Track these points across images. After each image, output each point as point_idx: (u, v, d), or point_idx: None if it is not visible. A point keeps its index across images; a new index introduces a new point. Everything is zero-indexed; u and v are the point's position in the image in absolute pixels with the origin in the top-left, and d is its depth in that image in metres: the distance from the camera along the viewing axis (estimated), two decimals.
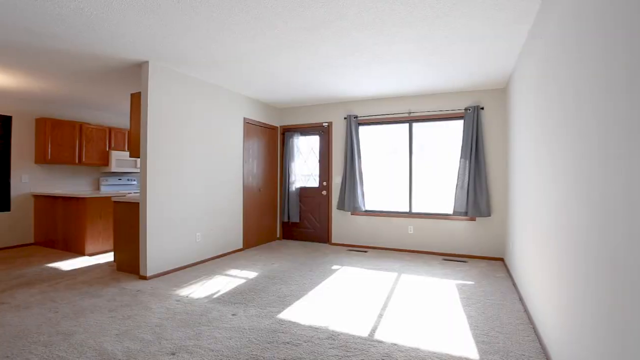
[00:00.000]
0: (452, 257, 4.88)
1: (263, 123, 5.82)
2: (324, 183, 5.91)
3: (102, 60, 3.71)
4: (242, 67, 3.99)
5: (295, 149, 6.11)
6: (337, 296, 3.31)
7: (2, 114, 5.32)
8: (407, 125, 5.34)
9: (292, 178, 6.05)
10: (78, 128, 5.93)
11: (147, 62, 3.75)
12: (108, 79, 4.38)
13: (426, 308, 3.02)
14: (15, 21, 2.76)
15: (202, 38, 3.14)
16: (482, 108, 4.77)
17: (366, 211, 5.55)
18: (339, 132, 5.77)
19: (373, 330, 2.58)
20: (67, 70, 4.02)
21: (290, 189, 6.04)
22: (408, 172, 5.31)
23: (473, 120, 4.70)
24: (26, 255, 4.96)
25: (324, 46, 3.32)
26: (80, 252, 4.99)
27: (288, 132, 6.17)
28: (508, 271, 4.08)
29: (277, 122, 6.26)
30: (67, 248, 5.19)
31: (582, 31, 1.58)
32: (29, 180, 5.62)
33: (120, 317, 2.79)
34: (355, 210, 5.43)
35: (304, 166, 6.18)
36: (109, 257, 4.89)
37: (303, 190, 6.11)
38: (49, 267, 4.31)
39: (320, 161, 5.98)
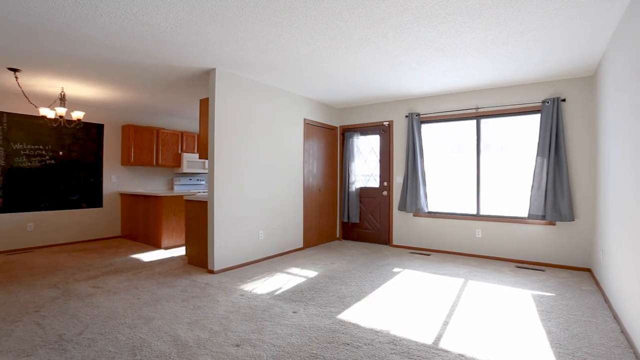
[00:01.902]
0: (526, 265, 4.44)
1: (323, 123, 5.87)
2: (385, 183, 5.78)
3: (175, 70, 4.03)
4: (302, 69, 4.06)
5: (355, 149, 6.06)
6: (399, 300, 3.20)
7: (96, 122, 6.08)
8: (474, 121, 5.00)
9: (352, 178, 6.01)
10: (155, 133, 6.55)
11: (214, 69, 3.99)
12: (180, 87, 4.77)
13: (497, 318, 2.77)
14: (104, 39, 3.11)
15: (264, 42, 3.25)
16: (564, 100, 4.27)
17: (429, 212, 5.30)
18: (400, 130, 5.60)
19: (438, 339, 2.43)
20: (146, 81, 4.45)
21: (350, 189, 6.01)
22: (475, 172, 4.96)
23: (552, 114, 4.23)
24: (115, 246, 5.59)
25: (384, 43, 3.23)
26: (157, 246, 5.49)
27: (348, 132, 6.15)
28: (597, 284, 3.60)
29: (336, 122, 6.28)
30: (147, 241, 5.75)
31: None
32: (116, 180, 6.34)
33: (191, 307, 2.99)
34: (417, 211, 5.22)
35: (364, 166, 6.10)
36: (181, 251, 5.31)
37: (363, 191, 6.03)
38: (132, 257, 4.81)
39: (380, 161, 5.86)
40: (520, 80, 4.42)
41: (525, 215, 4.56)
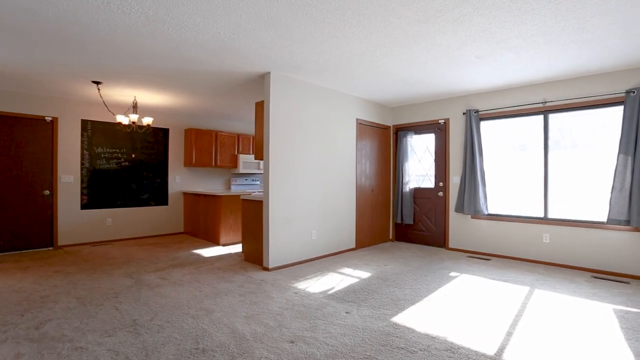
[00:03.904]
0: (605, 275, 3.98)
1: (375, 123, 5.80)
2: (440, 184, 5.55)
3: (232, 76, 4.24)
4: (354, 69, 4.04)
5: (409, 149, 5.90)
6: (456, 305, 3.04)
7: (163, 127, 6.60)
8: (541, 116, 4.59)
9: (406, 178, 5.86)
10: (214, 136, 6.94)
11: (269, 72, 4.12)
12: (237, 91, 5.00)
13: (570, 332, 2.52)
14: (170, 51, 3.37)
15: (317, 43, 3.29)
16: None
17: (489, 215, 4.98)
18: (457, 128, 5.33)
19: (501, 350, 2.27)
20: (206, 87, 4.74)
21: (403, 190, 5.86)
22: (543, 171, 4.56)
23: (639, 105, 3.75)
24: (178, 242, 6.03)
25: (441, 37, 3.10)
26: (216, 242, 5.81)
27: (401, 131, 6.00)
28: None
29: (389, 122, 6.16)
30: (206, 238, 6.12)
31: None
32: (180, 180, 6.84)
33: (248, 302, 3.12)
34: (476, 213, 4.93)
35: (419, 166, 5.91)
36: (237, 248, 5.57)
37: (417, 191, 5.85)
38: (194, 252, 5.15)
39: (436, 160, 5.63)
40: (597, 69, 3.97)
41: (604, 219, 4.09)
